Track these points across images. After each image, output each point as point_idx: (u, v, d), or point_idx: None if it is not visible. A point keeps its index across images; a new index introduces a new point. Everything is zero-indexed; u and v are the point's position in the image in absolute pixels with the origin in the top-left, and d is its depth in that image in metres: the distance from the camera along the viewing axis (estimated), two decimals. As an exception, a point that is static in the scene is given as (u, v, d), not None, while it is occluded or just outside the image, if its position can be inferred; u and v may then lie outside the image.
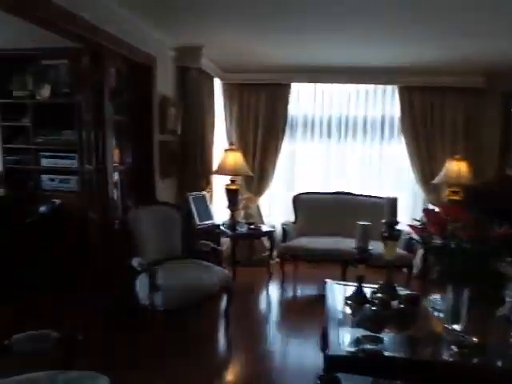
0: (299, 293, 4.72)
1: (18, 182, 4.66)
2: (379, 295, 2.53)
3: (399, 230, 2.92)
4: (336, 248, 4.28)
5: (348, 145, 5.30)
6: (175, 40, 3.95)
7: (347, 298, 2.79)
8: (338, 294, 3.07)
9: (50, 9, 2.24)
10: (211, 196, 4.67)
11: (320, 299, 4.27)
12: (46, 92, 4.50)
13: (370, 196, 5.02)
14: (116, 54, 3.12)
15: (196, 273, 3.14)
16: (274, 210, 5.51)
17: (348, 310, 2.73)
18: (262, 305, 4.32)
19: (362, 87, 5.15)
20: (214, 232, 4.21)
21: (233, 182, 4.64)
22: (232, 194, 4.59)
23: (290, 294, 4.61)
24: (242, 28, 3.53)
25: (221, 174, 4.53)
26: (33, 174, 4.60)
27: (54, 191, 4.53)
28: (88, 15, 2.59)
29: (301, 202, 5.03)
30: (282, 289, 4.57)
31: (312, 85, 5.22)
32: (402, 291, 2.77)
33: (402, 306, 2.45)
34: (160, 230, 3.42)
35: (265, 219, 5.37)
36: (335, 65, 4.72)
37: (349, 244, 4.29)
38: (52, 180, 4.56)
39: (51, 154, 4.53)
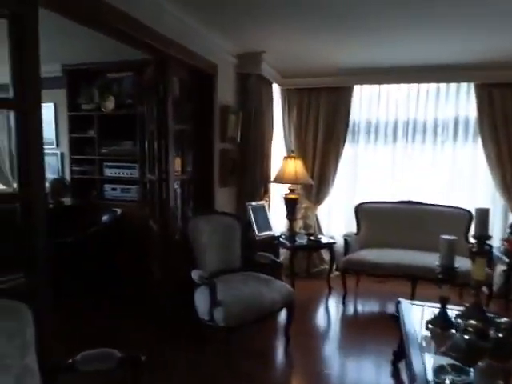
0: (361, 309, 4.39)
1: (83, 191, 4.85)
2: (472, 322, 2.19)
3: (490, 246, 2.56)
4: (407, 263, 3.92)
5: (416, 149, 4.89)
6: (237, 47, 3.88)
7: (429, 322, 2.48)
8: (415, 315, 2.76)
9: (107, 12, 2.23)
10: (269, 205, 4.51)
11: (384, 317, 3.96)
12: (110, 104, 4.65)
13: (442, 206, 4.58)
14: (179, 62, 3.09)
15: (258, 288, 2.97)
16: (333, 219, 5.23)
17: (429, 335, 2.44)
18: (322, 321, 4.04)
19: (433, 86, 4.74)
20: (272, 243, 4.03)
21: (292, 190, 4.45)
22: (291, 204, 4.40)
23: (351, 310, 4.28)
24: (304, 31, 3.38)
25: (280, 182, 4.36)
26: (96, 184, 4.75)
27: (115, 200, 4.64)
28: (151, 22, 2.57)
29: (364, 212, 4.71)
30: (343, 304, 4.26)
31: (376, 86, 4.91)
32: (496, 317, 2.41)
33: (501, 335, 2.09)
34: (219, 241, 3.31)
35: (323, 229, 5.11)
36: (402, 64, 4.39)
37: (420, 258, 3.96)
38: (114, 189, 4.68)
39: (113, 164, 4.66)
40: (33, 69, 1.82)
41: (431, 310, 2.69)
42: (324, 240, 4.47)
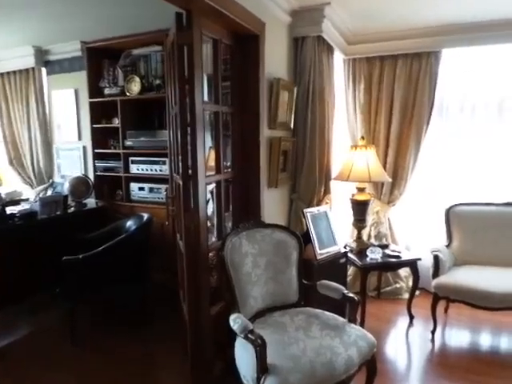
0: (456, 348, 3.24)
1: (107, 190, 4.16)
2: None
3: None
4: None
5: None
6: (292, -1, 2.89)
7: None
8: None
9: None
10: (330, 210, 3.50)
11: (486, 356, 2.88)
12: (135, 86, 3.86)
13: None
14: (212, 14, 2.17)
15: (326, 342, 2.02)
16: (410, 224, 4.10)
17: None
18: (406, 367, 2.99)
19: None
20: (336, 262, 3.02)
21: (361, 189, 3.41)
22: (360, 207, 3.37)
23: (443, 349, 3.16)
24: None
25: (345, 180, 3.32)
26: (122, 182, 4.02)
27: (143, 202, 3.89)
28: None
29: (457, 217, 3.56)
30: (432, 342, 3.19)
31: (474, 49, 3.67)
32: None
33: None
34: (269, 266, 2.39)
35: (397, 238, 4.02)
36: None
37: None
38: (141, 189, 3.92)
39: (140, 158, 3.89)
40: None
41: None
42: (404, 255, 3.38)
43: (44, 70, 4.44)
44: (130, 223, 3.55)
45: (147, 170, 3.86)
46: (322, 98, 3.32)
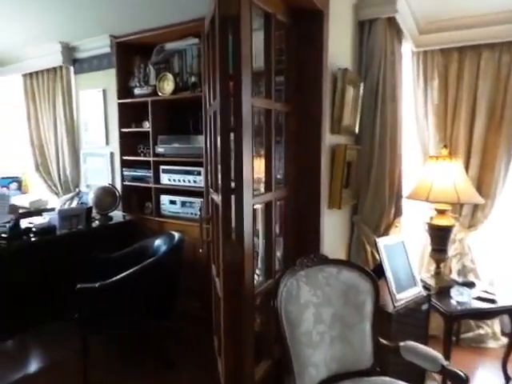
0: None
1: (136, 202, 3.70)
2: None
3: None
4: None
5: None
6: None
7: None
8: None
9: None
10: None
11: None
12: (168, 85, 3.39)
13: None
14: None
15: None
16: (495, 254, 3.31)
17: None
18: None
19: None
20: (418, 310, 2.31)
21: (441, 212, 2.70)
22: (441, 234, 2.66)
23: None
24: None
25: (423, 200, 2.62)
26: (151, 194, 3.54)
27: (175, 218, 3.38)
28: None
29: None
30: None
31: None
32: None
33: None
34: (335, 319, 1.76)
35: (480, 272, 3.23)
36: None
37: None
38: (173, 203, 3.41)
39: (172, 167, 3.39)
40: None
41: None
42: (501, 299, 2.61)
43: (72, 69, 4.07)
44: (158, 242, 3.04)
45: (180, 180, 3.35)
46: (394, 97, 2.67)
